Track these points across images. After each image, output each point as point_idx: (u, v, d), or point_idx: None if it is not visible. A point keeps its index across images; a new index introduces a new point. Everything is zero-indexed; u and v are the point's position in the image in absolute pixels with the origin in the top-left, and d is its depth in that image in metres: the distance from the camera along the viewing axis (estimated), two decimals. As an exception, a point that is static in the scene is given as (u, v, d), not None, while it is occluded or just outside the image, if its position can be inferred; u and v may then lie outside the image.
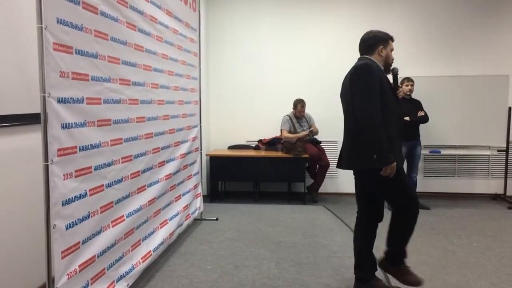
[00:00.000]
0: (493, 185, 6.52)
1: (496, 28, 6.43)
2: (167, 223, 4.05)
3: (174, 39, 4.26)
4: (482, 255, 4.15)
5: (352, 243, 3.30)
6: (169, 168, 4.12)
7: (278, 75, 6.82)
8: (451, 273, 3.69)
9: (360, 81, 2.95)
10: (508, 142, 6.15)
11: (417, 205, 3.06)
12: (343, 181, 6.58)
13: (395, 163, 2.89)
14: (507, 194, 6.35)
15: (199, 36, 5.19)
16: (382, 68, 3.09)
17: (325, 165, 6.23)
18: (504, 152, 6.25)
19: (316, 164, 6.32)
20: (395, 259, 3.18)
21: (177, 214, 4.31)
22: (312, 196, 6.38)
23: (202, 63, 6.08)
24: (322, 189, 6.46)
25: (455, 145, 6.32)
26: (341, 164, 3.22)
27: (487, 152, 6.37)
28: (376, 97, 2.88)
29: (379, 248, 3.24)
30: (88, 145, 2.65)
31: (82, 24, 2.57)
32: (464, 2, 6.49)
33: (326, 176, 6.37)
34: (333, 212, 5.73)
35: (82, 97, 2.58)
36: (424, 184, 6.46)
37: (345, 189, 6.52)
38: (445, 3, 6.51)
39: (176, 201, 4.36)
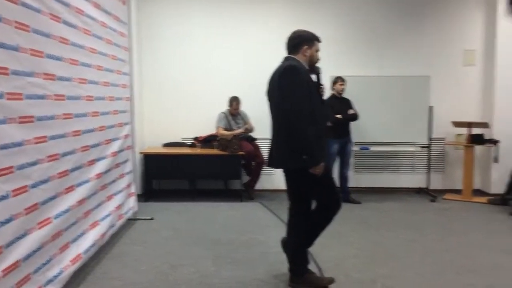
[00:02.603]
0: (417, 179, 6.91)
1: (419, 31, 6.81)
2: (99, 224, 3.88)
3: (103, 32, 4.09)
4: (408, 247, 4.38)
5: (286, 239, 3.35)
6: (100, 167, 3.96)
7: (213, 72, 6.78)
8: (381, 264, 3.85)
9: (287, 83, 3.00)
10: (430, 138, 6.54)
11: (339, 203, 3.19)
12: (279, 177, 6.65)
13: (322, 163, 2.98)
14: (430, 187, 6.76)
15: (130, 30, 5.02)
16: (307, 68, 3.15)
17: (261, 162, 6.28)
18: (427, 148, 6.64)
19: (252, 161, 6.36)
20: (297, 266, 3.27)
21: (109, 215, 4.15)
22: (248, 193, 6.42)
23: (135, 59, 5.90)
24: (259, 186, 6.52)
25: (383, 142, 6.62)
26: (272, 163, 3.27)
27: (412, 149, 6.74)
28: (304, 99, 2.94)
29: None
30: (9, 144, 2.47)
31: (1, 15, 2.40)
32: (390, 6, 6.80)
33: (262, 173, 6.43)
34: (269, 208, 5.79)
35: (1, 92, 2.40)
36: (355, 179, 6.72)
37: (281, 186, 6.53)
38: (373, 6, 6.78)
39: (107, 201, 4.20)
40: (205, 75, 6.78)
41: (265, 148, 6.46)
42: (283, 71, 3.06)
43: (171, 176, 6.47)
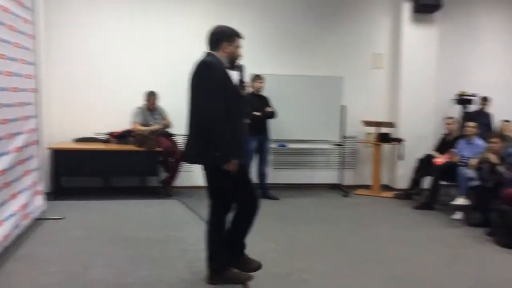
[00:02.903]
0: (332, 176, 7.21)
1: (333, 34, 7.11)
2: (2, 224, 3.57)
3: (5, 18, 3.75)
4: (323, 240, 4.55)
5: (205, 236, 3.32)
6: (2, 163, 3.63)
7: (129, 65, 6.53)
8: (299, 258, 3.96)
9: (202, 80, 2.97)
10: (343, 137, 6.87)
11: (256, 203, 3.18)
12: (197, 174, 6.55)
13: (237, 161, 2.98)
14: (343, 183, 7.09)
15: (36, 17, 4.67)
16: (227, 64, 3.12)
17: (179, 159, 6.17)
18: (340, 146, 6.96)
19: (170, 158, 6.22)
20: (237, 252, 3.27)
21: (13, 214, 3.83)
22: (166, 190, 6.27)
23: (43, 48, 5.50)
24: (177, 182, 6.40)
25: (299, 140, 6.82)
26: (187, 157, 3.23)
27: (326, 146, 7.01)
28: (218, 95, 2.91)
29: (247, 241, 3.31)
30: None
31: None
32: (308, 8, 7.03)
33: (180, 170, 6.32)
34: (187, 205, 5.71)
35: None
36: (273, 176, 6.84)
37: (200, 182, 6.46)
38: (291, 7, 6.96)
39: (11, 199, 3.87)
40: (120, 68, 6.51)
41: (183, 144, 6.35)
42: (197, 67, 3.01)
43: (83, 173, 6.13)
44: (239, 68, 3.22)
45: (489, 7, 7.42)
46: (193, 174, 6.39)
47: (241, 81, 3.24)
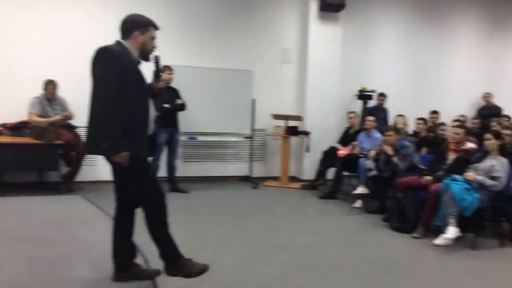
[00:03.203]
0: (242, 168, 7.30)
1: (244, 28, 7.18)
2: None
3: None
4: (233, 231, 4.59)
5: (111, 232, 3.18)
6: None
7: (27, 52, 6.04)
8: (207, 250, 3.95)
9: (98, 66, 2.81)
10: (252, 129, 6.97)
11: (163, 202, 3.00)
12: (102, 168, 6.26)
13: (126, 153, 2.79)
14: (253, 175, 7.21)
15: None
16: (138, 55, 2.96)
17: (82, 152, 5.83)
18: (250, 139, 7.06)
19: (72, 151, 5.86)
20: (170, 256, 3.10)
21: None
22: (67, 186, 5.91)
23: None
24: (79, 177, 6.05)
25: (210, 132, 6.80)
26: (85, 148, 3.05)
27: (236, 139, 7.07)
28: (112, 84, 2.74)
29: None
30: None
31: None
32: (218, 0, 7.00)
33: (83, 164, 5.99)
34: (91, 201, 5.44)
35: None
36: (183, 169, 6.75)
37: (105, 177, 6.17)
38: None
39: None
40: (14, 55, 5.99)
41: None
42: (95, 53, 2.84)
43: (-29, 168, 5.57)
44: (155, 60, 3.08)
45: (387, 9, 7.96)
46: (97, 168, 6.11)
47: (156, 73, 3.11)
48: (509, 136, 5.26)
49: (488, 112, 8.08)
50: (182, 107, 6.03)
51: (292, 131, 6.94)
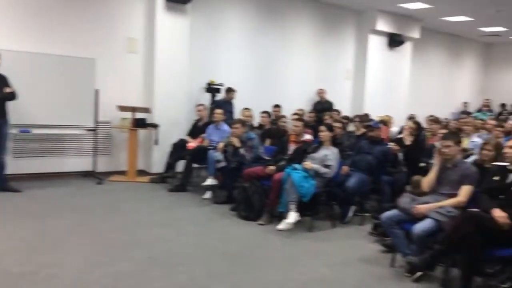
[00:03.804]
0: (84, 163, 6.80)
1: (86, 13, 6.63)
2: None
3: None
4: (75, 231, 4.26)
5: None
6: None
7: None
8: (45, 254, 3.61)
9: None
10: (96, 122, 6.55)
11: None
12: None
13: None
14: (97, 170, 6.78)
15: None
16: None
17: None
18: (93, 132, 6.61)
19: None
20: None
21: None
22: None
23: None
24: None
25: (46, 125, 6.17)
26: None
27: (78, 132, 6.54)
28: None
29: None
30: None
31: None
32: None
33: None
34: None
35: None
36: (14, 165, 5.99)
37: None
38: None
39: None
40: None
41: None
42: None
43: None
44: None
45: (234, 6, 8.19)
46: None
47: None
48: (339, 128, 5.90)
49: (322, 106, 8.94)
50: (11, 96, 5.35)
51: (140, 123, 6.72)
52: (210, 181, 5.73)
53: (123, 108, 6.61)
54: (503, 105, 12.47)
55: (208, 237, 4.40)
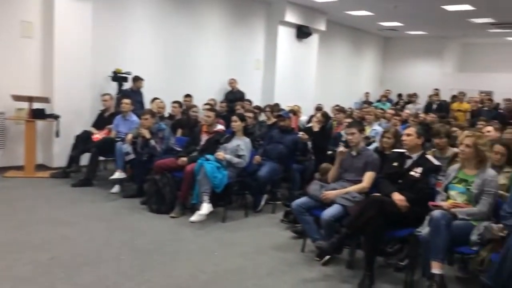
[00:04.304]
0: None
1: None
2: None
3: None
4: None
5: None
6: None
7: None
8: None
9: None
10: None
11: None
12: None
13: None
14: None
15: None
16: None
17: None
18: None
19: None
20: None
21: None
22: None
23: None
24: None
25: None
26: None
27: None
28: None
29: None
30: None
31: None
32: None
33: None
34: None
35: None
36: None
37: None
38: None
39: None
40: None
41: None
42: None
43: None
44: None
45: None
46: None
47: None
48: (251, 118, 5.94)
49: (233, 96, 8.95)
50: None
51: (38, 114, 6.20)
52: (118, 175, 5.46)
53: (17, 98, 6.04)
54: (399, 95, 13.42)
55: (117, 233, 4.20)
